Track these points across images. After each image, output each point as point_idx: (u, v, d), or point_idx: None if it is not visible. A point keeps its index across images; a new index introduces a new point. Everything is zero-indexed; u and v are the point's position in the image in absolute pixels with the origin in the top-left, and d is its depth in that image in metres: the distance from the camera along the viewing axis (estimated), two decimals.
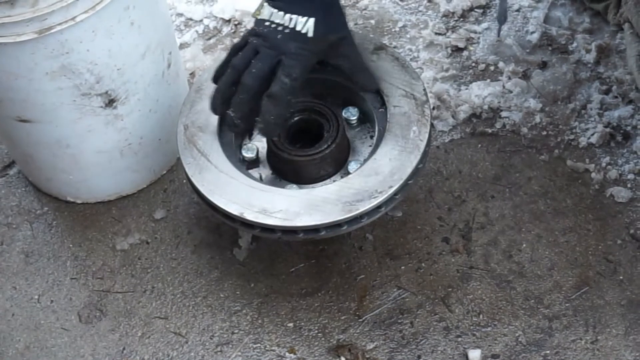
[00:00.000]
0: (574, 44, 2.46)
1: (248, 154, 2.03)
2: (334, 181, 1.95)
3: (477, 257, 2.10)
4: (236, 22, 2.61)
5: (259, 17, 1.84)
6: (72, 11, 1.84)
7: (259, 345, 2.02)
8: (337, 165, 2.00)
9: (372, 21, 2.55)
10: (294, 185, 1.99)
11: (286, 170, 2.00)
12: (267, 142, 1.98)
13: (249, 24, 2.59)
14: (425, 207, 2.18)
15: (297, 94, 1.84)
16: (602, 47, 2.44)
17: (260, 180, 2.00)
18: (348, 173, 1.97)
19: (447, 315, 2.02)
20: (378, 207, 1.87)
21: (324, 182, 1.98)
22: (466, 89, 2.40)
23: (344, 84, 2.04)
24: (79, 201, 2.28)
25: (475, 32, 2.52)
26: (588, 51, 2.44)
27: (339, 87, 2.07)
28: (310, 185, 1.97)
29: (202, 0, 2.69)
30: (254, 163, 2.03)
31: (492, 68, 2.44)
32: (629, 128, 2.28)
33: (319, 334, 2.03)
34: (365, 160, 1.96)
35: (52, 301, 2.13)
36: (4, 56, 1.88)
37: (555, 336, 1.98)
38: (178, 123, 2.03)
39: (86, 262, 2.18)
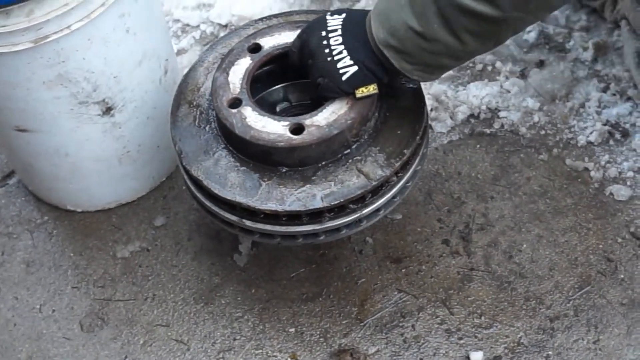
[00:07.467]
0: (571, 42, 2.45)
1: None
2: None
3: (477, 258, 2.10)
4: (233, 27, 2.61)
5: None
6: (67, 20, 1.84)
7: (260, 351, 2.02)
8: None
9: None
10: None
11: None
12: None
13: None
14: (425, 209, 2.18)
15: None
16: (599, 44, 2.43)
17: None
18: None
19: (449, 318, 2.02)
20: (377, 210, 1.87)
21: None
22: (464, 89, 2.39)
23: None
24: (79, 210, 2.28)
25: None
26: (585, 49, 2.43)
27: None
28: None
29: (199, 5, 2.69)
30: None
31: (489, 68, 2.44)
32: (627, 125, 2.28)
33: (321, 339, 2.02)
34: None
35: (53, 310, 2.13)
36: (1, 66, 1.89)
37: (557, 336, 1.98)
38: None
39: (87, 271, 2.18)
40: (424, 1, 1.63)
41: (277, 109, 2.03)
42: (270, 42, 1.94)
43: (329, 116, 1.80)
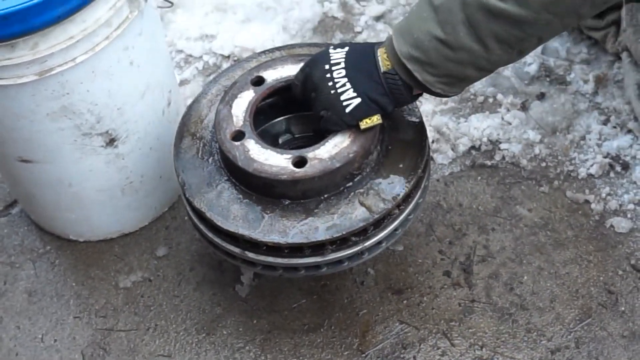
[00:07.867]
0: (572, 75, 2.47)
1: None
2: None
3: (478, 290, 2.10)
4: (235, 58, 2.63)
5: None
6: (71, 53, 1.86)
7: None
8: None
9: None
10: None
11: None
12: None
13: None
14: (426, 240, 2.19)
15: None
16: (600, 77, 2.45)
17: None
18: None
19: (450, 349, 2.03)
20: (379, 243, 1.88)
21: None
22: (465, 121, 2.41)
23: None
24: (81, 239, 2.29)
25: None
26: (586, 81, 2.45)
27: None
28: None
29: (202, 36, 2.70)
30: None
31: (490, 100, 2.46)
32: (628, 158, 2.29)
33: None
34: None
35: (55, 340, 2.14)
36: (5, 98, 1.90)
37: None
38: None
39: (89, 301, 2.19)
40: (450, 9, 1.64)
41: (280, 141, 2.04)
42: (273, 75, 1.96)
43: (331, 149, 1.81)
